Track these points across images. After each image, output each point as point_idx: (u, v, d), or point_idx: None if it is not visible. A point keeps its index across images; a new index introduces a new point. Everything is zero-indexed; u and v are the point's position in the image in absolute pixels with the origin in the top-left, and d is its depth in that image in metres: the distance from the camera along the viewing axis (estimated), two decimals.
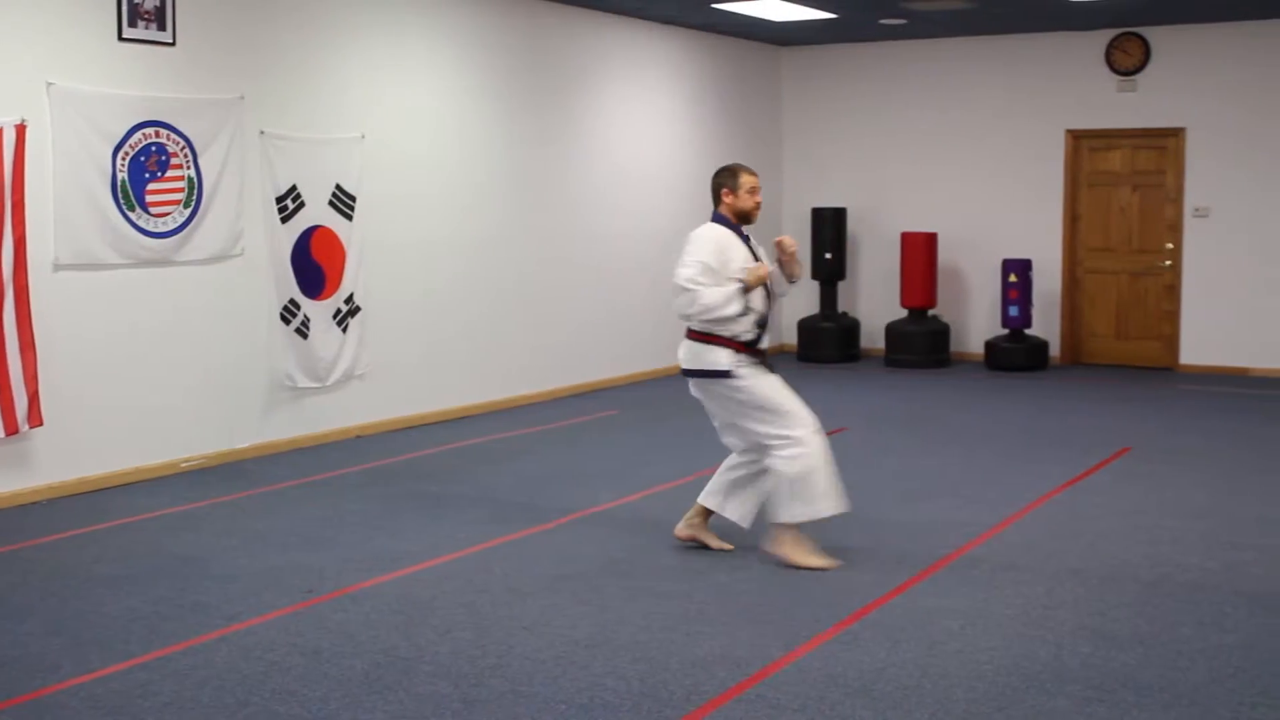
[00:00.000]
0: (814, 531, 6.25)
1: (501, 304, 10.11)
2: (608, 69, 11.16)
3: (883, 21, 11.61)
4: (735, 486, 5.89)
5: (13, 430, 6.77)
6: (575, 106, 10.82)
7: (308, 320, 8.41)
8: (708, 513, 5.96)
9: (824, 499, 5.61)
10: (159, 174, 7.47)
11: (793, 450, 5.56)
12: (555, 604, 5.21)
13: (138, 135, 7.34)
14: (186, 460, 7.77)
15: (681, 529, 5.99)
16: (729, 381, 5.62)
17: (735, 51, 12.83)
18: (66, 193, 7.02)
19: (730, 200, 5.73)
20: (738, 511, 5.91)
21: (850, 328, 12.93)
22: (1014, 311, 12.05)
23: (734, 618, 5.04)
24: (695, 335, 5.68)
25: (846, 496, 5.74)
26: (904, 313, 12.71)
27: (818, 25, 11.75)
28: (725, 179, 5.76)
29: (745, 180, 5.73)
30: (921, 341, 12.39)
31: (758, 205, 5.78)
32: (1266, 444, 8.54)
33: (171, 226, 7.57)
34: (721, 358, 5.61)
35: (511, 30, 10.09)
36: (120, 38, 7.28)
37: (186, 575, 5.64)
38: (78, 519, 6.63)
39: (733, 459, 5.90)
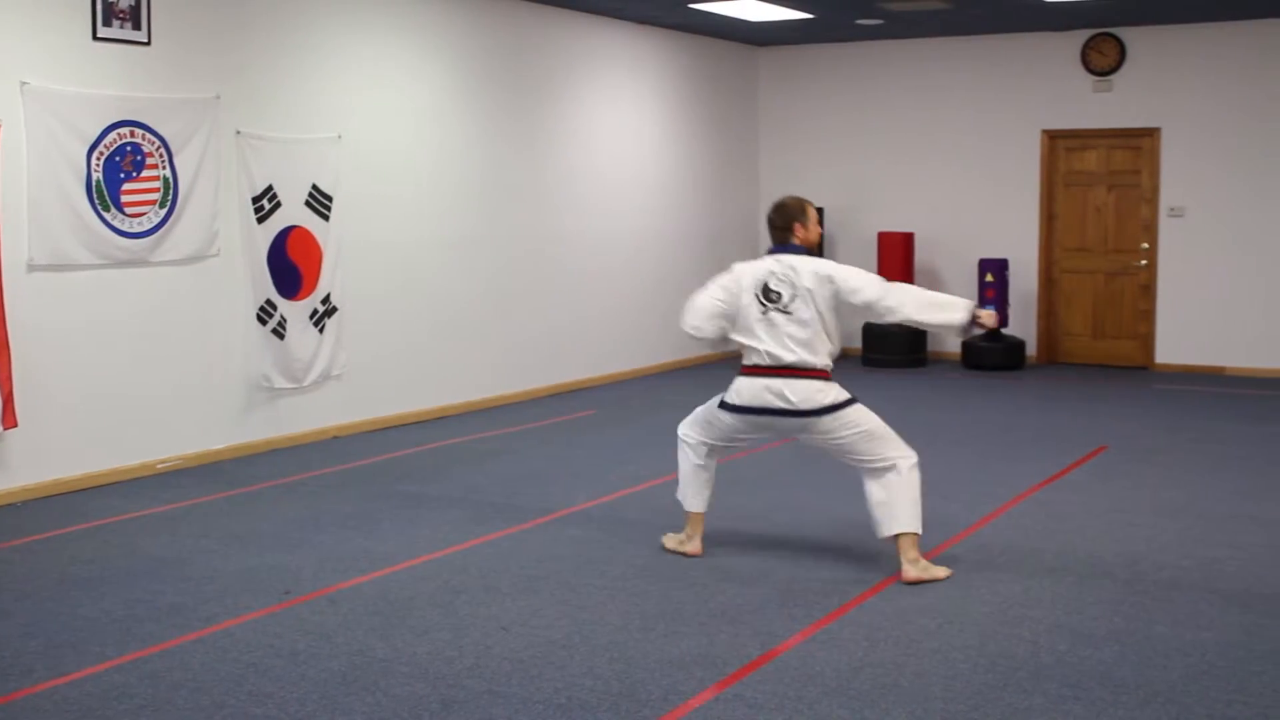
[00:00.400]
0: (799, 529, 6.26)
1: (478, 304, 10.10)
2: (584, 69, 11.16)
3: (859, 22, 11.64)
4: (710, 481, 5.94)
5: None
6: (551, 106, 10.81)
7: (284, 321, 8.38)
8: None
9: None
10: (134, 174, 7.44)
11: (913, 459, 5.63)
12: (533, 604, 5.21)
13: (113, 135, 7.30)
14: (163, 461, 7.73)
15: (698, 546, 5.92)
16: (855, 406, 5.63)
17: (712, 52, 12.84)
18: (41, 193, 6.98)
19: (803, 234, 5.75)
20: (709, 501, 6.00)
21: None
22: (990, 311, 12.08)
23: (711, 617, 5.05)
24: (803, 372, 5.57)
25: None
26: None
27: (794, 25, 11.77)
28: (795, 215, 5.73)
29: (811, 212, 5.79)
30: (898, 341, 12.42)
31: (820, 235, 5.87)
32: (1242, 443, 8.59)
33: (147, 227, 7.54)
34: (840, 388, 5.64)
35: (488, 30, 10.08)
36: (95, 37, 7.24)
37: (163, 577, 5.61)
38: (53, 520, 6.59)
39: (701, 457, 5.89)
